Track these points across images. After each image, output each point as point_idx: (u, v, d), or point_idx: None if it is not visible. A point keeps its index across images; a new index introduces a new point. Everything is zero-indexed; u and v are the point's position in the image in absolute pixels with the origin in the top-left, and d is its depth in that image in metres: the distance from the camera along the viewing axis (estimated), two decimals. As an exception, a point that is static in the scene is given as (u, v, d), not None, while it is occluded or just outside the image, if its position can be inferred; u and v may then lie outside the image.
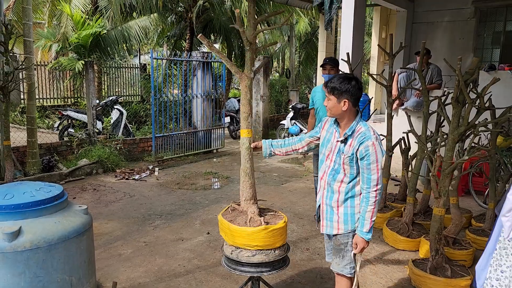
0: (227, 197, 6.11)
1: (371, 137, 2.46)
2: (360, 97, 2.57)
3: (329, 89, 2.57)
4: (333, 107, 2.57)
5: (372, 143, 2.45)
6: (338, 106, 2.54)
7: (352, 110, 2.55)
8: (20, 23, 9.16)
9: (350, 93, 2.51)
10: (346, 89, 2.50)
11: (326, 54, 10.74)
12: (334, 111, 2.58)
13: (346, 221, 2.59)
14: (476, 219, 4.88)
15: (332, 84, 2.55)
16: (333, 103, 2.56)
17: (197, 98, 9.07)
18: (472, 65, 3.39)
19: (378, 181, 2.47)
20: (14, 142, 6.87)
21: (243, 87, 2.93)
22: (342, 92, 2.51)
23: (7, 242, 2.08)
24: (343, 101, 2.52)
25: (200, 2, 10.89)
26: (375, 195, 2.48)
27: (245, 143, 2.91)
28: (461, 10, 8.83)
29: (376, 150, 2.45)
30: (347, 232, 2.61)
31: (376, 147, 2.45)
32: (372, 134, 2.49)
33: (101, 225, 4.86)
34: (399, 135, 5.08)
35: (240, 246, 2.79)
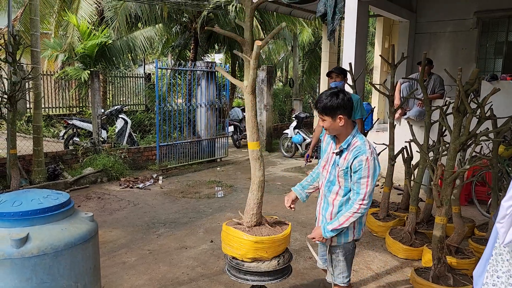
0: (231, 205, 6.14)
1: (366, 152, 2.42)
2: (352, 107, 2.53)
3: (320, 110, 2.51)
4: (330, 126, 2.52)
5: (367, 158, 2.40)
6: (334, 123, 2.49)
7: (348, 123, 2.52)
8: (28, 34, 9.30)
9: (342, 107, 2.46)
10: (338, 105, 2.45)
11: (329, 64, 10.82)
12: (332, 129, 2.54)
13: (339, 234, 2.60)
14: (479, 228, 4.88)
15: (321, 104, 2.49)
16: (329, 123, 2.51)
17: (201, 107, 9.14)
18: (472, 75, 3.43)
19: (365, 196, 2.43)
20: (20, 151, 6.95)
21: (248, 100, 2.95)
22: (334, 109, 2.46)
23: (15, 248, 2.12)
24: (338, 118, 2.47)
25: (205, 13, 11.03)
26: (358, 207, 2.45)
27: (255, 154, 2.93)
28: (464, 20, 8.90)
29: (369, 166, 2.40)
30: (340, 244, 2.63)
31: (369, 162, 2.40)
32: (368, 148, 2.44)
33: (105, 233, 4.90)
34: (402, 144, 5.11)
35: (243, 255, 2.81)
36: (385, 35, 10.18)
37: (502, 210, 1.96)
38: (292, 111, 14.47)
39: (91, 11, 11.94)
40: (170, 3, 10.51)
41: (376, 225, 5.04)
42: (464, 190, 6.06)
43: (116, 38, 12.02)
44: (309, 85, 19.68)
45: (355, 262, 4.24)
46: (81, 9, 11.77)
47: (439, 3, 9.06)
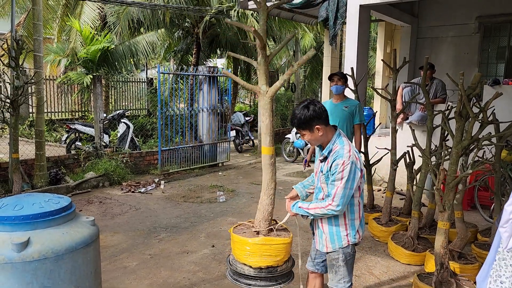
0: (233, 210, 6.13)
1: (343, 156, 2.43)
2: (326, 114, 2.55)
3: (296, 126, 2.56)
4: (311, 139, 2.56)
5: (343, 162, 2.41)
6: (314, 135, 2.53)
7: (327, 130, 2.55)
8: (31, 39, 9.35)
9: (317, 118, 2.49)
10: (311, 116, 2.48)
11: (331, 69, 10.82)
12: (314, 140, 2.58)
13: (333, 240, 2.61)
14: (482, 233, 4.86)
15: (296, 120, 2.53)
16: (308, 136, 2.55)
17: (203, 112, 9.15)
18: (474, 79, 3.43)
19: (334, 197, 2.44)
20: (22, 155, 6.97)
21: (262, 103, 2.99)
22: (309, 122, 2.49)
23: (16, 252, 2.11)
24: (315, 129, 2.51)
25: (207, 18, 11.06)
26: (326, 205, 2.48)
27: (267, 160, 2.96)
28: (466, 25, 8.90)
29: (344, 170, 2.41)
30: (335, 249, 2.62)
31: (345, 166, 2.41)
32: (346, 152, 2.45)
33: (106, 238, 4.89)
34: (404, 149, 5.11)
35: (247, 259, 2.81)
36: (387, 40, 10.20)
37: (505, 215, 1.95)
38: (294, 116, 14.47)
39: (94, 16, 12.00)
40: (173, 8, 10.55)
41: (378, 230, 5.02)
42: (467, 195, 6.04)
43: (119, 43, 12.06)
44: (311, 89, 19.69)
45: (357, 267, 4.22)
46: (84, 14, 11.84)
47: (441, 8, 9.07)
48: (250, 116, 12.50)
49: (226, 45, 13.20)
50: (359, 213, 2.61)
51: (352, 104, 4.91)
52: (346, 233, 2.59)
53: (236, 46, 13.13)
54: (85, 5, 11.89)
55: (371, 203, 5.74)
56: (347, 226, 2.58)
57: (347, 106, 4.87)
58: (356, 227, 2.61)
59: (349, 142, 2.57)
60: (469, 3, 8.59)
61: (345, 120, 4.85)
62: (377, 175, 7.20)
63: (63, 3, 12.33)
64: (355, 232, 2.61)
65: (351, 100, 5.02)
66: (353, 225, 2.60)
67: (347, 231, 2.59)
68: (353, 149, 2.50)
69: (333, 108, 4.90)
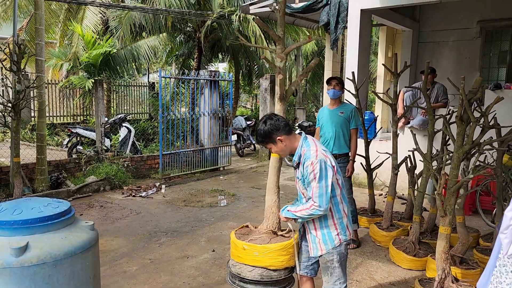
0: (233, 214, 6.11)
1: (310, 157, 2.50)
2: (285, 123, 2.62)
3: (259, 142, 2.65)
4: (277, 150, 2.65)
5: (311, 162, 2.48)
6: (278, 146, 2.61)
7: (291, 139, 2.62)
8: (33, 43, 9.39)
9: (275, 130, 2.56)
10: (270, 130, 2.57)
11: (333, 73, 10.81)
12: (281, 152, 2.67)
13: (325, 241, 2.65)
14: (484, 238, 4.83)
15: (257, 137, 2.64)
16: (274, 148, 2.63)
17: (204, 116, 9.15)
18: (475, 84, 3.42)
19: (313, 197, 2.51)
20: (24, 159, 6.97)
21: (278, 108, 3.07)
22: (268, 136, 2.58)
23: (15, 257, 2.11)
24: (278, 140, 2.59)
25: (208, 22, 11.10)
26: (310, 206, 2.53)
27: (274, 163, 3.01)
28: (467, 29, 8.91)
29: (314, 169, 2.47)
30: (330, 250, 2.65)
31: (314, 166, 2.47)
32: (313, 153, 2.51)
33: (107, 242, 4.88)
34: (405, 153, 5.09)
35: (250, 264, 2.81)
36: (388, 44, 10.20)
37: (506, 220, 1.93)
38: (296, 120, 14.47)
39: (96, 21, 12.06)
40: (174, 13, 10.59)
41: (379, 234, 5.00)
42: (469, 199, 6.01)
43: (121, 47, 12.11)
44: (312, 94, 19.72)
45: (358, 272, 4.20)
46: (86, 18, 11.90)
47: (442, 12, 9.08)
48: (251, 120, 12.50)
49: (227, 49, 13.24)
50: (344, 211, 2.66)
51: (347, 109, 4.89)
52: (336, 233, 2.65)
53: (237, 51, 13.16)
54: (88, 9, 11.95)
55: (372, 207, 5.71)
56: (336, 226, 2.64)
57: (343, 112, 4.86)
58: (345, 225, 2.67)
59: (316, 142, 2.63)
60: (470, 7, 8.60)
61: (341, 126, 4.84)
62: (379, 179, 7.18)
63: (66, 8, 12.40)
64: (345, 230, 2.67)
65: (347, 105, 5.01)
66: (342, 223, 2.66)
67: (337, 230, 2.65)
68: (320, 148, 2.57)
69: (329, 113, 4.89)
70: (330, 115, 4.88)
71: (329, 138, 4.84)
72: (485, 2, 8.35)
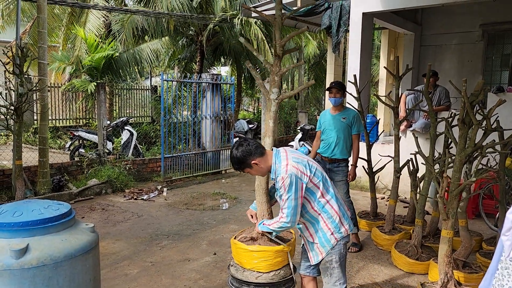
0: (235, 217, 6.10)
1: (281, 172, 2.55)
2: (256, 145, 2.64)
3: (236, 168, 2.70)
4: (255, 173, 2.72)
5: (281, 177, 2.53)
6: (255, 169, 2.66)
7: (266, 159, 2.64)
8: (36, 46, 9.42)
9: (248, 154, 2.60)
10: (243, 156, 2.61)
11: (335, 77, 10.82)
12: (260, 174, 2.74)
13: (323, 243, 2.68)
14: (486, 242, 4.80)
15: (233, 164, 2.69)
16: (252, 172, 2.69)
17: (206, 119, 9.16)
18: (477, 86, 3.41)
19: (283, 210, 2.58)
20: (26, 162, 6.98)
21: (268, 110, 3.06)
22: (243, 162, 2.62)
23: (14, 259, 2.10)
24: (253, 164, 2.63)
25: (211, 26, 11.13)
26: (279, 219, 2.63)
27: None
28: (469, 33, 8.90)
29: (284, 183, 2.52)
30: (328, 251, 2.68)
31: (284, 180, 2.51)
32: (283, 168, 2.55)
33: (108, 245, 4.87)
34: (407, 157, 5.07)
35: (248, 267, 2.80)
36: (390, 47, 10.20)
37: (507, 223, 1.92)
38: (298, 123, 14.47)
39: (99, 24, 12.10)
40: (177, 16, 10.62)
41: (381, 238, 4.97)
42: (471, 203, 5.98)
43: (123, 50, 12.14)
44: (315, 97, 19.71)
45: (360, 276, 4.18)
46: (89, 22, 11.94)
47: (444, 16, 9.07)
48: (253, 123, 12.51)
49: (230, 53, 13.27)
50: (333, 210, 2.66)
51: (350, 115, 4.85)
52: (330, 232, 2.66)
53: (240, 54, 13.18)
54: (90, 13, 11.99)
55: (374, 211, 5.69)
56: (328, 226, 2.66)
57: (345, 117, 4.84)
58: (336, 223, 2.67)
59: (288, 155, 2.64)
60: (472, 11, 8.60)
61: (343, 131, 4.83)
62: (381, 182, 7.15)
63: (69, 12, 12.46)
64: (339, 228, 2.67)
65: (349, 110, 4.95)
66: (333, 222, 2.66)
67: (330, 230, 2.66)
68: (291, 161, 2.57)
69: (331, 119, 4.88)
70: (332, 120, 4.87)
71: (331, 142, 4.83)
72: (487, 5, 8.34)
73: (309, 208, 2.65)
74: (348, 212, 2.78)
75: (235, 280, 2.87)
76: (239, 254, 2.87)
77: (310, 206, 2.65)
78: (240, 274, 2.82)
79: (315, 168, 2.64)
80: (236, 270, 2.85)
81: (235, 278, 2.85)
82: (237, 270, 2.86)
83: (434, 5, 6.93)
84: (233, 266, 2.93)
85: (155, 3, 11.04)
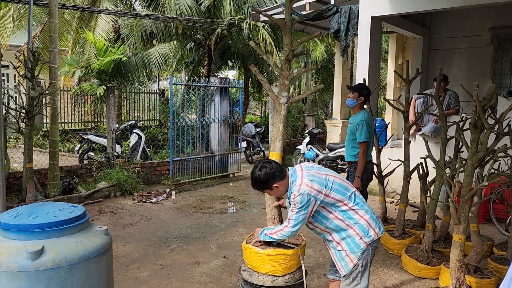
0: (243, 221, 6.10)
1: (294, 190, 2.59)
2: (279, 169, 2.67)
3: (256, 188, 2.75)
4: (274, 194, 2.78)
5: (293, 194, 2.57)
6: (275, 191, 2.70)
7: (285, 182, 2.67)
8: (46, 51, 9.52)
9: (270, 178, 2.64)
10: (265, 178, 2.65)
11: (342, 80, 10.83)
12: (280, 195, 2.78)
13: (352, 249, 2.65)
14: (498, 247, 4.76)
15: (252, 184, 2.74)
16: (271, 193, 2.74)
17: (214, 123, 9.18)
18: (489, 90, 3.39)
19: (290, 220, 2.62)
20: (36, 165, 7.03)
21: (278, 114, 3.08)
22: (265, 183, 2.67)
23: (30, 261, 2.12)
24: (274, 187, 2.67)
25: (219, 30, 11.18)
26: (283, 228, 2.68)
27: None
28: (478, 36, 8.85)
29: (295, 200, 2.55)
30: (359, 257, 2.65)
31: (295, 198, 2.55)
32: (296, 187, 2.57)
33: (118, 248, 4.89)
34: (416, 161, 5.05)
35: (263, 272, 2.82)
36: (398, 51, 10.18)
37: None
38: (305, 127, 14.46)
39: (108, 29, 12.20)
40: (185, 21, 10.68)
41: (391, 242, 4.95)
42: (482, 207, 5.93)
43: (132, 54, 12.22)
44: (322, 101, 19.69)
45: (370, 281, 4.14)
46: (98, 26, 12.04)
47: (453, 19, 9.04)
48: (261, 127, 12.51)
49: (237, 56, 13.31)
50: (358, 215, 2.64)
51: (355, 121, 4.76)
52: (359, 237, 2.64)
53: (247, 58, 13.21)
54: (100, 18, 12.10)
55: (383, 215, 5.66)
56: (356, 231, 2.64)
57: (352, 122, 4.81)
58: (364, 227, 2.64)
59: (304, 172, 2.64)
60: (481, 14, 8.55)
61: (348, 136, 4.85)
62: (389, 187, 7.12)
63: (78, 16, 12.57)
64: (367, 231, 2.64)
65: (359, 115, 4.80)
66: (361, 226, 2.64)
67: (359, 235, 2.64)
68: (306, 179, 2.58)
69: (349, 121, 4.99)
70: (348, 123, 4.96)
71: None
72: (496, 9, 8.30)
73: (333, 218, 2.63)
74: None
75: (249, 285, 2.87)
76: (253, 259, 2.87)
77: (334, 216, 2.63)
78: (256, 278, 2.82)
79: (332, 182, 2.62)
80: (251, 275, 2.85)
81: (250, 283, 2.85)
82: (251, 275, 2.86)
83: (444, 8, 6.91)
84: (245, 270, 2.93)
85: (163, 7, 11.11)
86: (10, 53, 8.63)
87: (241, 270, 3.05)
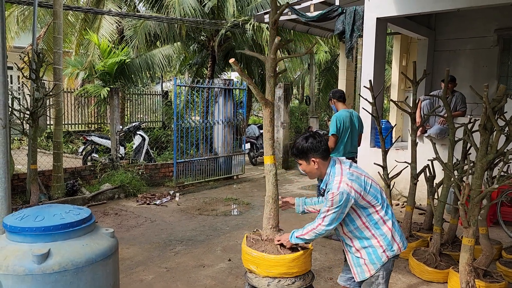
0: (248, 223, 6.06)
1: (332, 188, 2.49)
2: (325, 147, 2.59)
3: (294, 155, 2.68)
4: (306, 170, 2.67)
5: (332, 193, 2.47)
6: (309, 167, 2.62)
7: (323, 164, 2.60)
8: (50, 52, 9.54)
9: (313, 150, 2.56)
10: (308, 148, 2.56)
11: (346, 81, 10.80)
12: (310, 173, 2.68)
13: (373, 260, 2.58)
14: (506, 250, 4.70)
15: (294, 149, 2.66)
16: (304, 166, 2.65)
17: (218, 125, 9.15)
18: (499, 92, 3.35)
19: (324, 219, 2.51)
20: (40, 166, 7.02)
21: (267, 113, 2.97)
22: (305, 153, 2.58)
23: (36, 264, 2.10)
24: (311, 161, 2.59)
25: (222, 31, 11.17)
26: (317, 225, 2.55)
27: (271, 170, 2.94)
28: (484, 38, 8.80)
29: (333, 199, 2.46)
30: (378, 269, 2.58)
31: (334, 197, 2.45)
32: (335, 184, 2.49)
33: (122, 250, 4.85)
34: (423, 163, 5.00)
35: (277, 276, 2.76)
36: (402, 53, 10.13)
37: None
38: (309, 129, 14.40)
39: (112, 30, 12.21)
40: (189, 22, 10.67)
41: (398, 245, 4.89)
42: (489, 210, 5.86)
43: (135, 56, 12.23)
44: (325, 103, 19.60)
45: (377, 284, 4.10)
46: (102, 28, 12.05)
47: (458, 20, 8.99)
48: (264, 129, 12.46)
49: (241, 58, 13.29)
50: (386, 226, 2.57)
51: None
52: (382, 250, 2.56)
53: (251, 60, 13.19)
54: (104, 19, 12.12)
55: (389, 217, 5.61)
56: (380, 243, 2.56)
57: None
58: (389, 240, 2.57)
59: (343, 169, 2.56)
60: (487, 15, 8.50)
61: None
62: (395, 189, 7.07)
63: (82, 18, 12.59)
64: (391, 245, 2.57)
65: (348, 111, 5.36)
66: (386, 239, 2.56)
67: (383, 247, 2.56)
68: (346, 177, 2.50)
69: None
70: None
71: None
72: (502, 10, 8.24)
73: (360, 223, 2.56)
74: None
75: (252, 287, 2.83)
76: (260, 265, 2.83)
77: (361, 222, 2.56)
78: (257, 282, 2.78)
79: (369, 184, 2.56)
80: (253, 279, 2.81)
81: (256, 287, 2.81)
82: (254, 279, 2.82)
83: (449, 10, 6.87)
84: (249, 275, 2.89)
85: (167, 9, 11.11)
86: (14, 55, 8.63)
87: (247, 273, 3.00)
